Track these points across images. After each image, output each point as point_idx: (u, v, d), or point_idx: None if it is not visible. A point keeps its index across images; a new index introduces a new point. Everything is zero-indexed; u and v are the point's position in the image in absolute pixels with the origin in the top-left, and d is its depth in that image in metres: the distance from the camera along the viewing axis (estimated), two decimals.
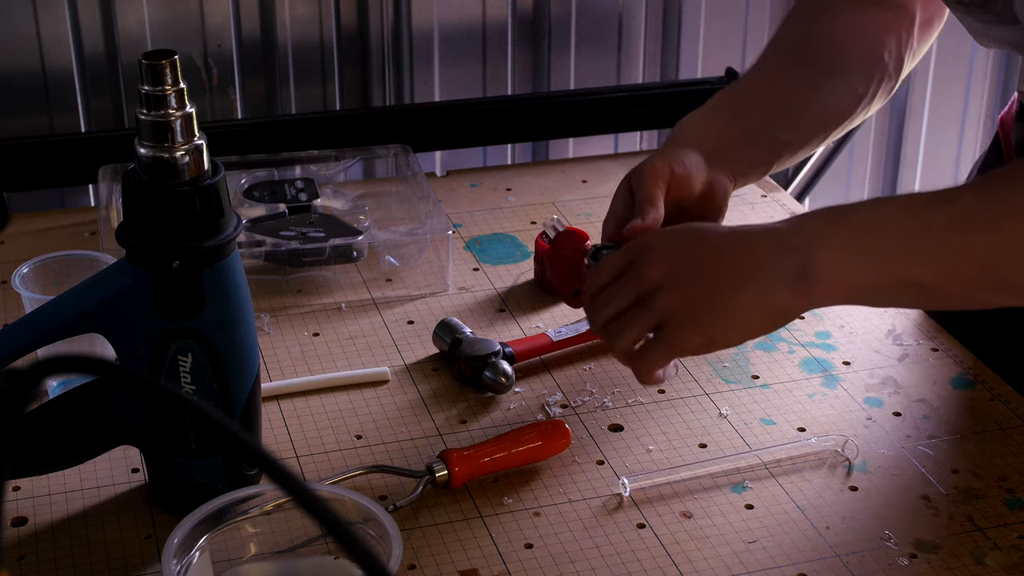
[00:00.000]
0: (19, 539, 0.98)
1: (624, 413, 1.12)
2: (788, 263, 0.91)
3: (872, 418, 1.12)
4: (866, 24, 1.18)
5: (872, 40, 1.18)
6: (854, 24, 1.18)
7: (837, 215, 0.92)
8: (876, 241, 0.90)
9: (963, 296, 0.93)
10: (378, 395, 1.14)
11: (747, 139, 1.13)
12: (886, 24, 1.18)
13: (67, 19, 1.57)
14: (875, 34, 1.18)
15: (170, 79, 0.91)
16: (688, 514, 1.01)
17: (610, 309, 0.98)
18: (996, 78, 2.05)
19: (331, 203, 1.38)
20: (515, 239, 1.39)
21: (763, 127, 1.14)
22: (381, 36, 1.70)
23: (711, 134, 1.13)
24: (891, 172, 2.07)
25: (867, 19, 1.18)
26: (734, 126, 1.14)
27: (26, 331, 0.93)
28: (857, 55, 1.17)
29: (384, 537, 0.86)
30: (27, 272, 1.13)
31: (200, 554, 0.87)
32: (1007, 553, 0.97)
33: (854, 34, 1.18)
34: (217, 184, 0.92)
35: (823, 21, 1.19)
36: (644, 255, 0.97)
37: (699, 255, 0.96)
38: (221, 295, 0.94)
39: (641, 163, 1.09)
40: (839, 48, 1.18)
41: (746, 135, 1.13)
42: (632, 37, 1.81)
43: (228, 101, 1.66)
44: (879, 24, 1.18)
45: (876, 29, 1.18)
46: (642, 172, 1.07)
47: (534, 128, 1.66)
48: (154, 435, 0.97)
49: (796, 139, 1.16)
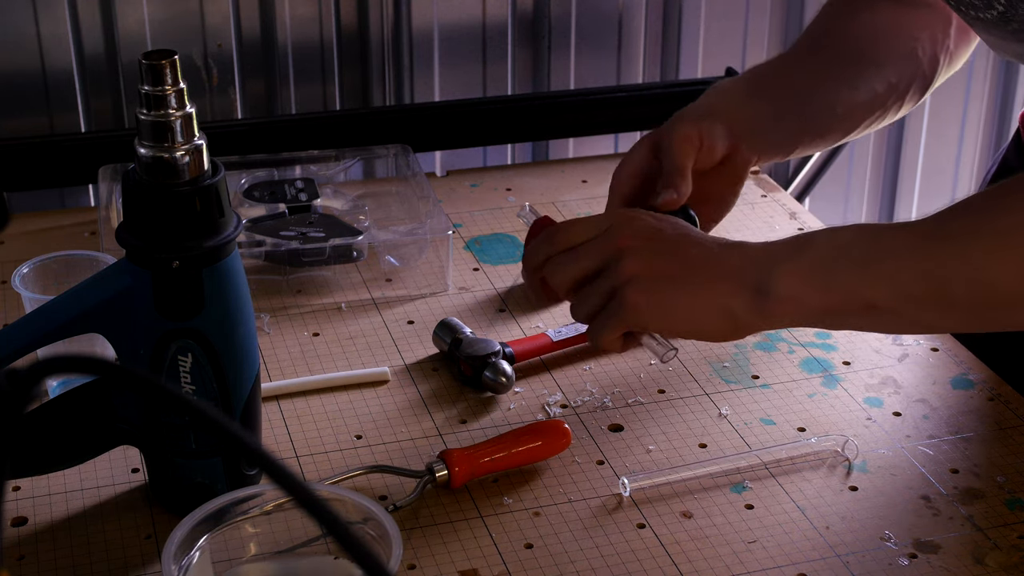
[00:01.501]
0: (19, 539, 0.98)
1: (624, 413, 1.12)
2: (749, 277, 0.93)
3: (872, 418, 1.12)
4: (901, 19, 1.19)
5: (906, 36, 1.19)
6: (889, 17, 1.19)
7: (800, 239, 0.95)
8: (832, 263, 0.92)
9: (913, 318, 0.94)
10: (378, 395, 1.14)
11: (776, 118, 1.14)
12: (921, 21, 1.19)
13: (67, 19, 1.56)
14: (909, 30, 1.19)
15: (170, 79, 0.91)
16: (688, 514, 1.01)
17: (575, 266, 0.98)
18: (997, 78, 2.05)
19: (331, 203, 1.38)
20: (515, 239, 1.39)
21: (793, 108, 1.15)
22: (381, 36, 1.70)
23: (741, 107, 1.14)
24: (891, 172, 2.07)
25: (902, 15, 1.19)
26: (764, 103, 1.15)
27: (26, 331, 0.93)
28: (891, 47, 1.18)
29: (384, 537, 0.86)
30: (27, 272, 1.13)
31: (200, 554, 0.87)
32: (1007, 553, 0.97)
33: (889, 27, 1.19)
34: (217, 184, 0.92)
35: (858, 12, 1.20)
36: (622, 224, 0.98)
37: (672, 244, 0.97)
38: (221, 295, 0.94)
39: (670, 126, 1.10)
40: (873, 39, 1.18)
41: (775, 115, 1.14)
42: (632, 37, 1.81)
43: (228, 101, 1.66)
44: (914, 21, 1.19)
45: (910, 25, 1.19)
46: (672, 140, 1.09)
47: (534, 128, 1.65)
48: (154, 435, 0.97)
49: (824, 124, 1.16)
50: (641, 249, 0.96)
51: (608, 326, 0.97)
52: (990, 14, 1.04)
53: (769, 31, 1.87)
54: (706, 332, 0.97)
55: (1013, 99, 2.06)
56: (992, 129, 2.08)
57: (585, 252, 0.98)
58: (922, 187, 2.08)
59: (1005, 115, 2.07)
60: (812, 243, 0.94)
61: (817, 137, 1.17)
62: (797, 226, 1.42)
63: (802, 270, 0.92)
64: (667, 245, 0.97)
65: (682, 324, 0.97)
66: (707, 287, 0.95)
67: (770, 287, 0.93)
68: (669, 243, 0.97)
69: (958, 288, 0.89)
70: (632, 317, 0.96)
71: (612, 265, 0.97)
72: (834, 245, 0.93)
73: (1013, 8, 1.01)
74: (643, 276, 0.95)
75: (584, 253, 0.99)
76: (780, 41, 1.89)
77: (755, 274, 0.93)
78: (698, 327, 0.96)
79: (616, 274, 0.96)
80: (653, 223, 0.99)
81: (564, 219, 1.42)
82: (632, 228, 0.98)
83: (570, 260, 0.99)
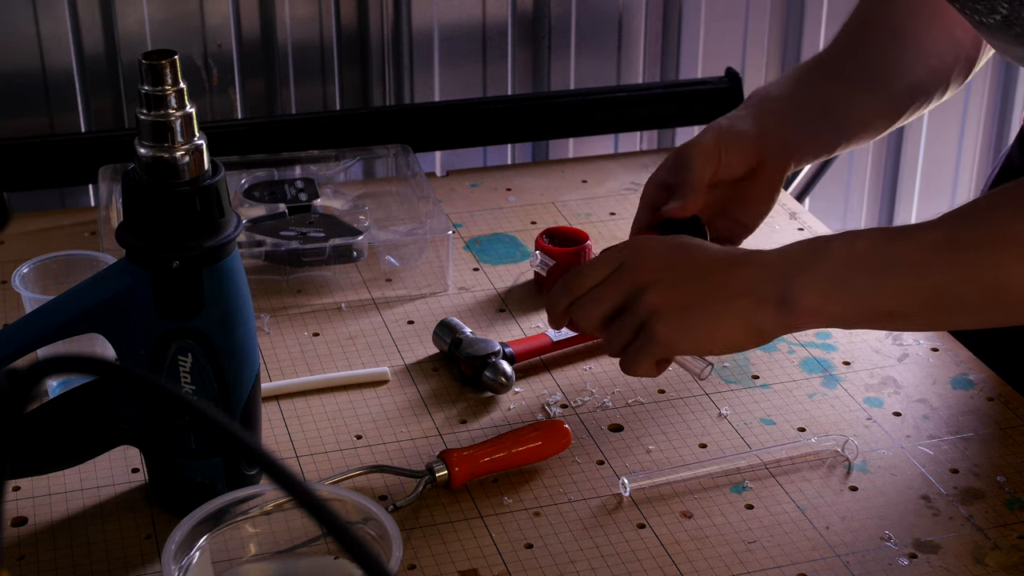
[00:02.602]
0: (19, 539, 0.98)
1: (624, 413, 1.12)
2: (770, 292, 0.95)
3: (872, 418, 1.12)
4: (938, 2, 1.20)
5: (944, 17, 1.20)
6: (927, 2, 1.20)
7: (816, 246, 0.96)
8: (849, 277, 0.94)
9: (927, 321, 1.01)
10: (378, 395, 1.14)
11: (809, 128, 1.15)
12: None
13: (67, 19, 1.56)
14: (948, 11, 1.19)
15: (170, 79, 0.91)
16: (688, 514, 1.01)
17: (599, 308, 0.99)
18: (997, 78, 2.05)
19: (331, 203, 1.38)
20: (515, 239, 1.39)
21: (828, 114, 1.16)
22: (381, 36, 1.70)
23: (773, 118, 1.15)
24: (891, 172, 2.07)
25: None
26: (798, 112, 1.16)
27: (26, 331, 0.93)
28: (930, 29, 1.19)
29: (384, 537, 0.86)
30: (27, 272, 1.13)
31: (200, 554, 0.87)
32: (1007, 553, 0.97)
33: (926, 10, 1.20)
34: (217, 184, 0.92)
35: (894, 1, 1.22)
36: (635, 258, 0.99)
37: (689, 267, 0.98)
38: (221, 295, 0.94)
39: (695, 138, 1.13)
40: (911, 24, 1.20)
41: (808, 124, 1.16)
42: (632, 37, 1.81)
43: (228, 101, 1.66)
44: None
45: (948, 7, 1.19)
46: (691, 153, 1.12)
47: (534, 128, 1.65)
48: (154, 435, 0.97)
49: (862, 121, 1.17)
50: (659, 281, 0.97)
51: (640, 359, 0.98)
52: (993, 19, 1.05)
53: (769, 31, 1.87)
54: (736, 346, 0.98)
55: (1013, 99, 2.06)
56: (992, 129, 2.08)
57: (606, 293, 0.99)
58: (922, 187, 2.08)
59: (1005, 115, 2.07)
60: (828, 252, 0.95)
61: (855, 137, 1.18)
62: (797, 226, 1.42)
63: (820, 281, 0.94)
64: (682, 271, 0.98)
65: (712, 344, 0.98)
66: (730, 306, 0.96)
67: (791, 299, 0.94)
68: (683, 268, 0.98)
69: (972, 296, 0.92)
70: (663, 349, 0.97)
71: (634, 300, 0.97)
72: (850, 254, 0.94)
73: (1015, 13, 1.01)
74: (666, 307, 0.96)
75: (605, 294, 0.99)
76: (780, 41, 1.89)
77: (774, 287, 0.95)
78: (728, 344, 0.98)
79: (640, 309, 0.97)
80: (662, 249, 1.00)
81: (565, 221, 1.42)
82: (645, 261, 0.99)
83: (592, 303, 1.00)
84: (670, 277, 0.97)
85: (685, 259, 0.99)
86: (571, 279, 1.02)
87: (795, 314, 0.94)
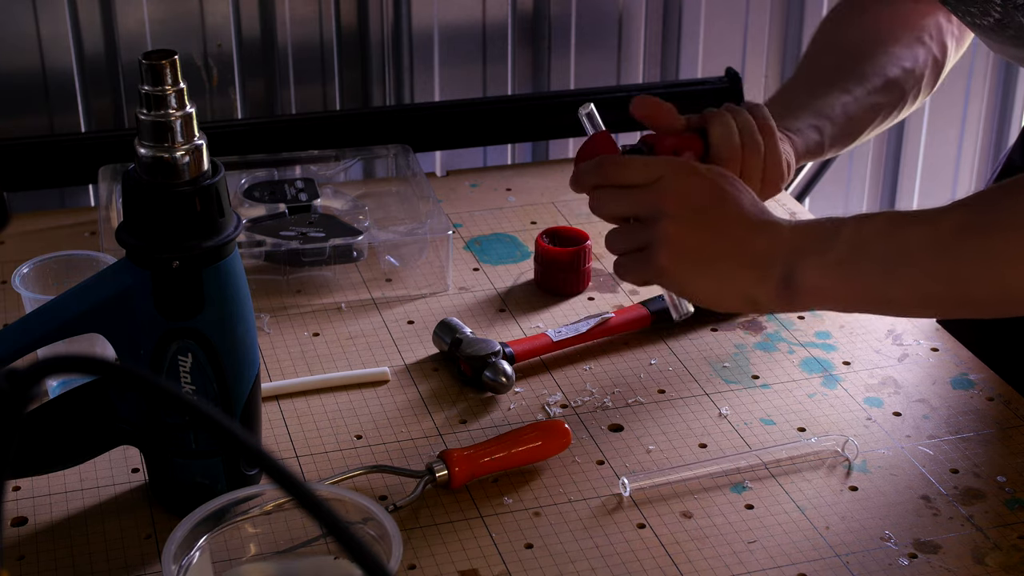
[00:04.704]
0: (19, 539, 0.98)
1: (624, 413, 1.12)
2: (775, 269, 0.96)
3: (872, 418, 1.12)
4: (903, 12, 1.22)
5: (911, 26, 1.21)
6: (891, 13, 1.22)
7: (829, 229, 0.96)
8: (857, 261, 0.94)
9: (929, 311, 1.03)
10: (378, 395, 1.14)
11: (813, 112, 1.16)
12: (923, 10, 1.22)
13: (67, 19, 1.57)
14: (913, 20, 1.21)
15: (170, 79, 0.91)
16: (688, 514, 1.01)
17: (618, 206, 1.00)
18: (997, 78, 2.05)
19: (331, 203, 1.38)
20: (515, 239, 1.39)
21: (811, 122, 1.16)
22: (381, 36, 1.70)
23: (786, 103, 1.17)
24: (891, 172, 2.07)
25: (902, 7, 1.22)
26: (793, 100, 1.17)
27: (26, 331, 0.93)
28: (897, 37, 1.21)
29: (384, 537, 0.86)
30: (27, 272, 1.13)
31: (200, 554, 0.87)
32: (1007, 553, 0.97)
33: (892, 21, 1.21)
34: (217, 184, 0.92)
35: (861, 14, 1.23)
36: (675, 182, 0.98)
37: (715, 216, 0.98)
38: (221, 295, 0.94)
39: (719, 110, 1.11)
40: (879, 33, 1.21)
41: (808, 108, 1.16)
42: (632, 37, 1.81)
43: (228, 101, 1.66)
44: (916, 11, 1.22)
45: (914, 15, 1.22)
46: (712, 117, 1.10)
47: (534, 128, 1.65)
48: (154, 435, 0.97)
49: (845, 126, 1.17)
50: (682, 217, 0.97)
51: (633, 272, 1.00)
52: (987, 20, 1.05)
53: (769, 31, 1.87)
54: (726, 308, 1.01)
55: (1013, 99, 2.06)
56: (992, 129, 2.08)
57: (631, 199, 1.00)
58: (922, 187, 2.08)
59: (1005, 115, 2.08)
60: (839, 236, 0.95)
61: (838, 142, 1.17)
62: None
63: (827, 265, 0.94)
64: (707, 217, 0.98)
65: (702, 298, 1.00)
66: (734, 273, 0.97)
67: (794, 279, 0.95)
68: (710, 214, 0.98)
69: (978, 289, 0.92)
70: (656, 277, 0.99)
71: (652, 220, 0.98)
72: (860, 240, 0.94)
73: (1009, 16, 1.01)
74: (676, 243, 0.97)
75: (630, 199, 1.00)
76: (780, 41, 1.89)
77: (781, 265, 0.95)
78: (719, 304, 1.00)
79: (652, 231, 0.98)
80: (702, 185, 0.99)
81: (565, 221, 1.42)
82: (680, 191, 0.98)
83: (615, 200, 1.01)
84: (694, 218, 0.97)
85: (716, 205, 0.98)
86: (609, 166, 1.01)
87: (793, 293, 0.95)
